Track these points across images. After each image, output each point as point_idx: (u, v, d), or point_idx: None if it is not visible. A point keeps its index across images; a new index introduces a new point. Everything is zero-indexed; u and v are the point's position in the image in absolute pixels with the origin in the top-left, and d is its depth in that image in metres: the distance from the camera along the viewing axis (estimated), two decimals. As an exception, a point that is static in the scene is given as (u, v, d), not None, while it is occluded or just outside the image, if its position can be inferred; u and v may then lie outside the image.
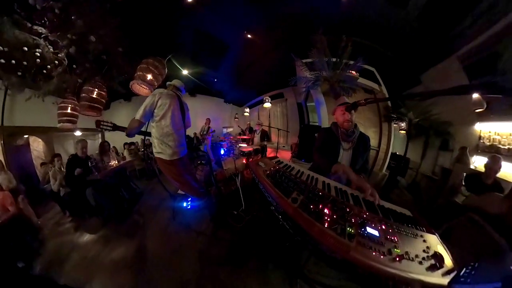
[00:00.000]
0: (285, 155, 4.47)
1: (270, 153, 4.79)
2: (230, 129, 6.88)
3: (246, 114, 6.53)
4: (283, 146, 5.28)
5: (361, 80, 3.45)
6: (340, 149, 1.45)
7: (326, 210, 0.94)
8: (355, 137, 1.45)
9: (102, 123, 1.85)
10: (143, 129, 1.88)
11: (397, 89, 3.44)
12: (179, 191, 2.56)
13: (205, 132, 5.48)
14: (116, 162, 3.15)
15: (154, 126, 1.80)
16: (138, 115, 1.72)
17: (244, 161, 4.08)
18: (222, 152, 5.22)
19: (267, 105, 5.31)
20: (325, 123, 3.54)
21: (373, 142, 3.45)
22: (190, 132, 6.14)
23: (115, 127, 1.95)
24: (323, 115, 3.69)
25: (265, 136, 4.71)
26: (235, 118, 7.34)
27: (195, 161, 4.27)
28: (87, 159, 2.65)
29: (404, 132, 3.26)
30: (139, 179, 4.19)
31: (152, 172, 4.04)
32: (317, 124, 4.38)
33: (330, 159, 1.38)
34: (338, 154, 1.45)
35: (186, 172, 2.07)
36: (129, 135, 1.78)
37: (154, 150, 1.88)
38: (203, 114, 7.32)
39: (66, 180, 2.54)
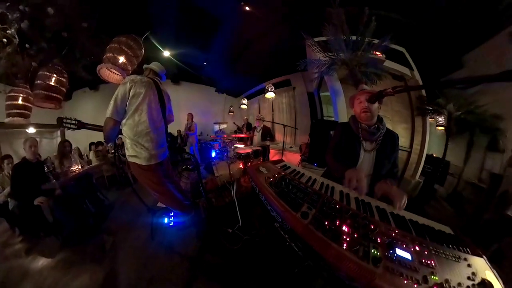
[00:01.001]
0: (293, 159, 4.56)
1: (274, 155, 4.77)
2: (223, 126, 6.87)
3: (243, 106, 6.40)
4: (291, 147, 5.29)
5: (388, 64, 3.45)
6: (360, 150, 1.44)
7: (344, 228, 0.92)
8: (380, 135, 1.43)
9: (65, 120, 1.84)
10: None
11: (433, 75, 3.41)
12: (159, 204, 2.56)
13: (188, 129, 5.63)
14: (80, 167, 3.14)
15: (126, 123, 1.76)
16: (109, 112, 1.68)
17: (241, 166, 4.05)
18: (213, 154, 5.42)
19: (270, 95, 5.24)
20: (343, 118, 3.53)
21: (403, 141, 3.46)
22: (173, 129, 6.26)
23: (82, 126, 1.93)
24: (340, 108, 3.66)
25: (268, 134, 4.57)
26: (230, 111, 7.19)
27: (179, 166, 4.21)
28: (40, 164, 2.63)
29: (443, 128, 3.27)
30: (109, 188, 4.18)
31: (125, 179, 4.02)
32: (332, 118, 4.39)
33: (346, 162, 1.37)
34: (358, 157, 1.43)
35: (168, 180, 2.05)
36: (108, 139, 1.77)
37: (127, 153, 1.85)
38: (190, 106, 7.07)
39: (12, 191, 2.48)
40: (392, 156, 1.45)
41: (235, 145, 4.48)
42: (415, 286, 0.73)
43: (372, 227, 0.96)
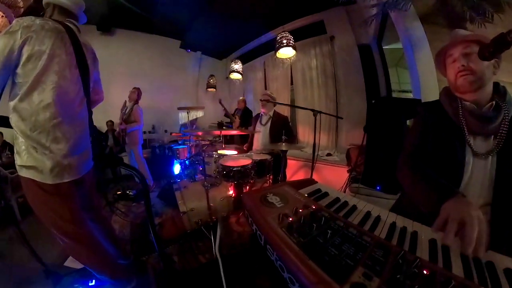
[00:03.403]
0: (334, 177, 2.84)
1: (295, 171, 3.13)
2: (196, 114, 3.93)
3: (235, 76, 3.93)
4: (329, 155, 3.32)
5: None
6: (466, 155, 0.85)
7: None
8: (503, 121, 0.81)
9: None
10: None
11: None
12: (69, 262, 1.63)
13: (125, 118, 3.34)
14: None
15: (17, 107, 1.06)
16: None
17: (230, 193, 2.29)
18: (176, 169, 3.16)
19: (287, 52, 3.03)
20: (431, 93, 2.02)
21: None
22: (99, 118, 3.78)
23: None
24: (425, 73, 2.12)
25: (283, 129, 2.38)
26: (210, 86, 4.50)
27: (110, 189, 2.93)
28: None
29: None
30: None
31: (6, 213, 2.17)
32: (410, 95, 2.73)
33: (440, 181, 0.79)
34: (462, 169, 0.84)
35: (90, 215, 1.37)
36: None
37: (17, 161, 1.12)
38: (132, 76, 4.29)
39: None
40: None
41: (219, 152, 2.62)
42: None
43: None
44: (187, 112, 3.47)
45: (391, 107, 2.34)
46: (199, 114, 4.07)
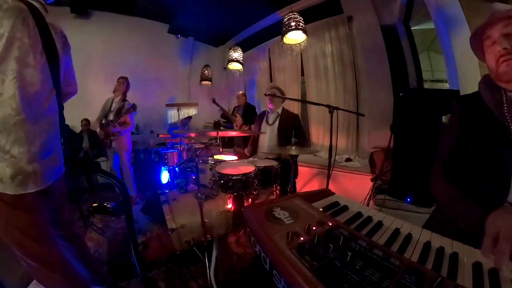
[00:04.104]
0: (354, 186, 2.54)
1: (308, 181, 2.77)
2: (188, 111, 3.46)
3: (234, 66, 3.47)
4: (348, 160, 2.92)
5: None
6: None
7: None
8: None
9: None
10: None
11: None
12: (34, 284, 1.43)
13: (112, 114, 2.85)
14: None
15: None
16: None
17: (229, 206, 2.02)
18: (164, 177, 2.86)
19: (296, 36, 2.65)
20: (471, 84, 1.78)
21: None
22: (75, 114, 3.15)
23: None
24: (462, 56, 1.83)
25: (292, 129, 2.14)
26: (204, 79, 3.95)
27: (84, 200, 2.69)
28: None
29: None
30: None
31: None
32: (446, 86, 2.44)
33: (484, 190, 0.70)
34: (510, 175, 0.71)
35: (60, 232, 1.23)
36: None
37: None
38: (113, 66, 3.74)
39: None
40: None
41: (215, 157, 2.32)
42: None
43: None
44: (178, 110, 3.01)
45: (423, 100, 1.97)
46: (192, 112, 3.50)
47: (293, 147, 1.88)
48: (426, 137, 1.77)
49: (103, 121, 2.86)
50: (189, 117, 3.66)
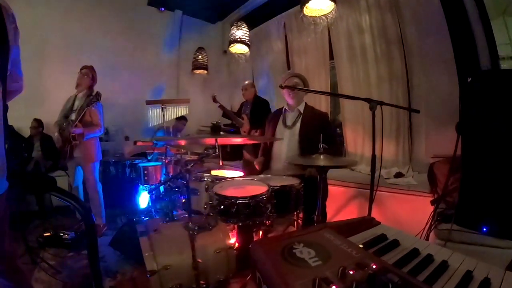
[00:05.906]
0: (408, 212, 1.99)
1: (341, 205, 2.16)
2: (179, 110, 2.72)
3: (237, 49, 2.74)
4: (398, 175, 2.26)
5: None
6: None
7: None
8: None
9: None
10: None
11: None
12: None
13: (73, 115, 2.28)
14: None
15: None
16: None
17: (232, 240, 1.65)
18: (143, 201, 2.35)
19: (321, 5, 2.02)
20: None
21: None
22: (22, 113, 2.47)
23: None
24: None
25: (320, 131, 1.61)
26: (197, 66, 3.17)
27: (33, 228, 2.07)
28: None
29: None
30: None
31: None
32: None
33: None
34: None
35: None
36: None
37: None
38: (74, 51, 2.82)
39: None
40: None
41: (212, 173, 1.95)
42: None
43: None
44: (162, 109, 2.38)
45: (501, 86, 1.46)
46: (182, 111, 2.70)
47: (321, 157, 1.40)
48: (510, 139, 1.36)
49: (64, 124, 2.29)
50: (183, 119, 3.04)
